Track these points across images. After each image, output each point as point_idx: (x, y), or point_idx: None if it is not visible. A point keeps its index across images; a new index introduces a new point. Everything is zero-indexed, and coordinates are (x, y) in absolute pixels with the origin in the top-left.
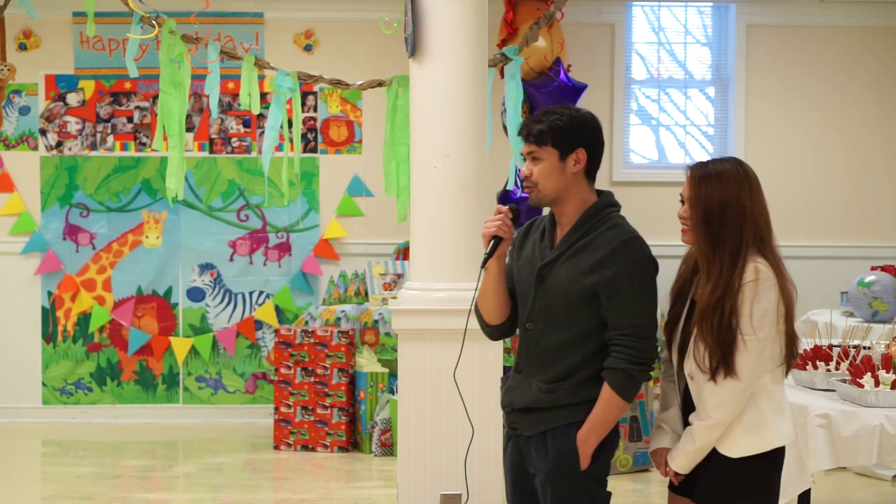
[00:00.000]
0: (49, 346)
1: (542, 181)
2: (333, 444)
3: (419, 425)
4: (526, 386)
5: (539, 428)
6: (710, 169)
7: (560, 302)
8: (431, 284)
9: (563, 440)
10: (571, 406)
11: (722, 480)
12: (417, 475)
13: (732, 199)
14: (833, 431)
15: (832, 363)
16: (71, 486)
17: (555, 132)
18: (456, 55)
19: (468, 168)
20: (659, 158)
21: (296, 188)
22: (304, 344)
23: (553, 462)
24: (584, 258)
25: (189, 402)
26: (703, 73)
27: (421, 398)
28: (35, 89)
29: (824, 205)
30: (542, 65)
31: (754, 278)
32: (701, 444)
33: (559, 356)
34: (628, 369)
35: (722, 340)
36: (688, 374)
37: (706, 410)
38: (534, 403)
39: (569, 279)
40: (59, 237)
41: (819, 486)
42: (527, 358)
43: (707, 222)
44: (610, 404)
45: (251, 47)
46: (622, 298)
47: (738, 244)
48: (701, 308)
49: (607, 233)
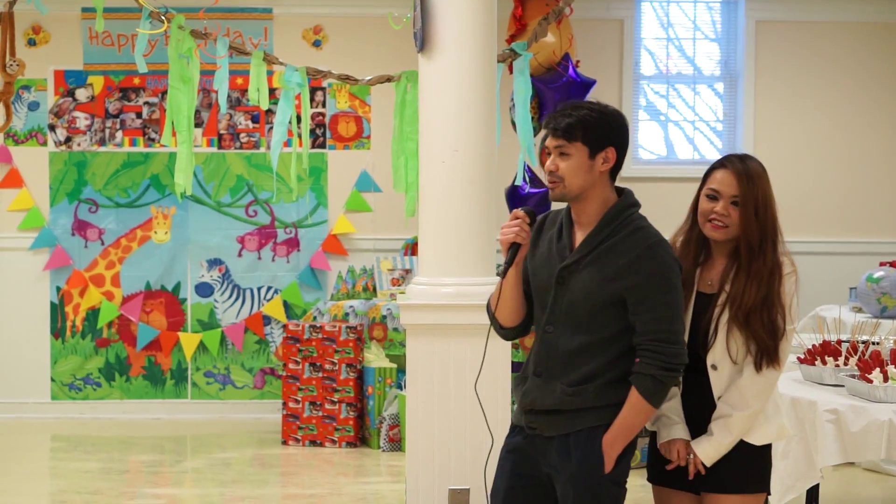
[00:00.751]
0: (58, 342)
1: (570, 177)
2: (341, 440)
3: (427, 420)
4: (549, 389)
5: (562, 430)
6: (750, 166)
7: (584, 306)
8: (440, 279)
9: (588, 444)
10: (597, 409)
11: (744, 467)
12: (426, 470)
13: (770, 195)
14: (842, 427)
15: (841, 358)
16: (79, 481)
17: (586, 128)
18: (465, 50)
19: (477, 163)
20: (667, 154)
21: (304, 184)
22: (312, 339)
23: (577, 465)
24: (608, 263)
25: (197, 397)
26: (712, 68)
27: (429, 393)
28: (44, 85)
29: (834, 200)
30: (551, 60)
31: (791, 270)
32: (738, 435)
33: (583, 359)
34: (658, 375)
35: (773, 333)
36: (710, 365)
37: (745, 400)
38: (558, 406)
39: (594, 284)
40: (68, 233)
41: (827, 482)
42: (547, 361)
43: (758, 219)
44: (637, 410)
45: (260, 43)
46: (650, 303)
47: (774, 240)
48: (748, 304)
49: (632, 236)
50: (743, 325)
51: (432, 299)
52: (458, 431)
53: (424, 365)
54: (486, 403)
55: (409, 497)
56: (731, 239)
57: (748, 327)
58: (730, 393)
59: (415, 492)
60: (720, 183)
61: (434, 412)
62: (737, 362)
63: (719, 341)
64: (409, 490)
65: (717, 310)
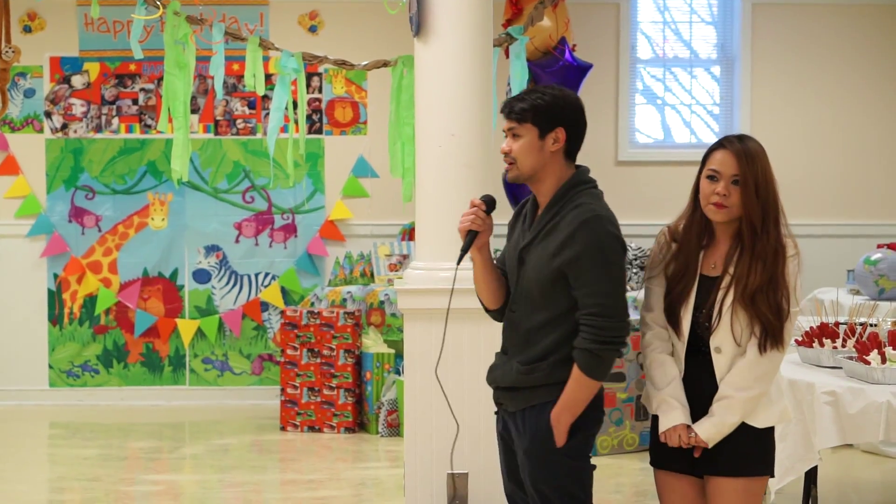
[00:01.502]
0: (55, 329)
1: (521, 158)
2: (340, 425)
3: (425, 405)
4: (508, 366)
5: (520, 405)
6: (748, 145)
7: (535, 284)
8: (437, 264)
9: (539, 418)
10: (549, 386)
11: (747, 450)
12: (424, 455)
13: (770, 173)
14: (840, 408)
15: (839, 340)
16: (78, 467)
17: (535, 110)
18: (461, 35)
19: (473, 147)
20: (664, 138)
21: (301, 169)
22: (310, 325)
23: (529, 439)
24: (551, 240)
25: (195, 383)
26: (709, 52)
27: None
28: (40, 72)
29: (831, 183)
30: (547, 44)
31: (795, 252)
32: (740, 417)
33: (538, 337)
34: (594, 349)
35: (778, 314)
36: (714, 348)
37: (748, 382)
38: (514, 384)
39: (541, 262)
40: (65, 219)
41: (826, 464)
42: (511, 339)
43: (759, 198)
44: (579, 384)
45: (256, 28)
46: (585, 278)
47: (777, 216)
48: (754, 285)
49: (571, 212)
50: (748, 306)
51: (430, 284)
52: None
53: (422, 349)
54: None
55: (407, 481)
56: (733, 220)
57: (753, 308)
58: (732, 374)
59: (413, 476)
60: (720, 163)
61: (432, 396)
62: (740, 345)
63: (723, 324)
64: (407, 474)
65: (720, 292)
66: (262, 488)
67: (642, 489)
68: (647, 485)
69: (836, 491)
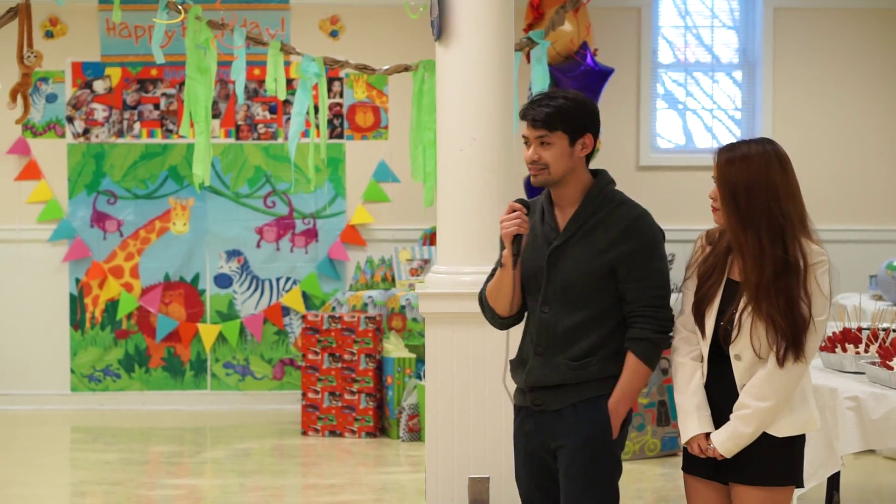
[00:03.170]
0: (77, 333)
1: (554, 165)
2: (361, 430)
3: (447, 408)
4: (551, 365)
5: (569, 401)
6: (736, 151)
7: (578, 283)
8: (458, 268)
9: (595, 411)
10: (601, 381)
11: (767, 459)
12: (445, 459)
13: (760, 179)
14: (862, 414)
15: (861, 346)
16: (100, 472)
17: (566, 118)
18: (482, 39)
19: (495, 152)
20: (686, 143)
21: (322, 174)
22: (331, 330)
23: (585, 433)
24: (599, 236)
25: (217, 388)
26: (730, 56)
27: (448, 381)
28: (62, 77)
29: (853, 188)
30: (569, 49)
31: (819, 260)
32: (757, 427)
33: (583, 333)
34: (654, 338)
35: (794, 323)
36: (734, 355)
37: (764, 393)
38: (564, 381)
39: (585, 259)
40: (87, 224)
41: (848, 470)
42: (546, 340)
43: (735, 202)
44: (637, 373)
45: (277, 33)
46: (641, 271)
47: (775, 223)
48: (754, 288)
49: (618, 209)
50: (758, 313)
51: (451, 288)
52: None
53: (443, 353)
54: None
55: (428, 486)
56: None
57: (764, 315)
58: (751, 384)
59: (434, 480)
60: (714, 168)
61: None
62: (760, 355)
63: (743, 331)
64: (428, 479)
65: (741, 299)
66: (284, 493)
67: (663, 495)
68: (668, 490)
69: (858, 497)
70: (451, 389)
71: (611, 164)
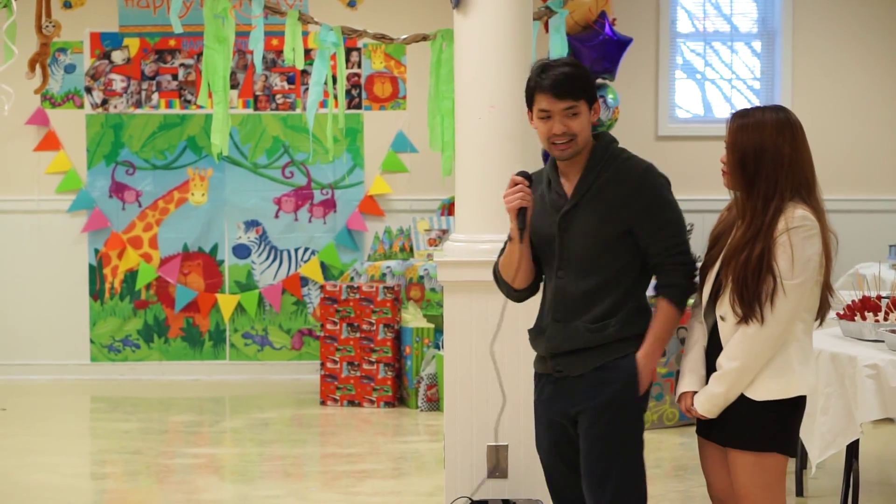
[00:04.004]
0: (96, 304)
1: (581, 134)
2: (379, 400)
3: (465, 375)
4: (571, 330)
5: (590, 365)
6: (749, 117)
7: (591, 245)
8: (477, 236)
9: (617, 372)
10: (621, 342)
11: (745, 423)
12: (464, 427)
13: (769, 146)
14: (882, 382)
15: (881, 314)
16: (119, 441)
17: (584, 84)
18: (500, 7)
19: (513, 119)
20: (704, 113)
21: (340, 144)
22: (349, 300)
23: (609, 394)
24: (610, 195)
25: (235, 358)
26: (749, 26)
27: (467, 349)
28: (80, 47)
29: (872, 158)
30: (587, 18)
31: (801, 224)
32: (728, 388)
33: (600, 295)
34: (684, 283)
35: (745, 284)
36: (720, 316)
37: (733, 353)
38: (585, 344)
39: (598, 221)
40: (106, 195)
41: (867, 439)
42: (564, 305)
43: (742, 167)
44: (669, 318)
45: (295, 3)
46: (659, 223)
47: (772, 191)
48: (730, 249)
49: (625, 165)
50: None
51: (469, 256)
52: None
53: (462, 321)
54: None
55: (447, 454)
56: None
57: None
58: (728, 345)
59: (453, 448)
60: (725, 133)
61: (472, 367)
62: (738, 315)
63: (726, 291)
64: (447, 446)
65: None
66: (302, 462)
67: (682, 464)
68: (686, 459)
69: (877, 465)
70: (470, 356)
71: (629, 134)
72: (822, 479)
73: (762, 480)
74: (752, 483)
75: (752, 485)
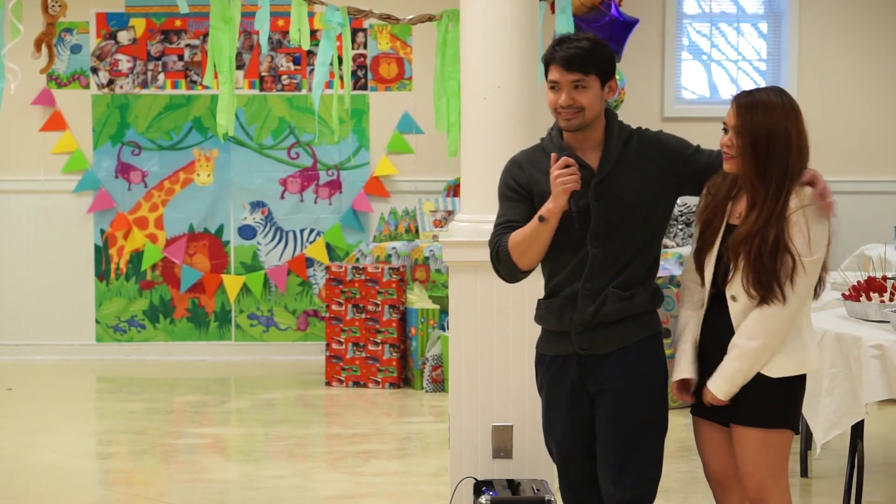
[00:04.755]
0: (102, 284)
1: (590, 108)
2: (385, 381)
3: (470, 356)
4: (601, 299)
5: (618, 344)
6: (756, 97)
7: (634, 207)
8: (482, 216)
9: (645, 352)
10: (647, 315)
11: (756, 400)
12: (469, 407)
13: (779, 129)
14: (887, 362)
15: (886, 294)
16: (125, 421)
17: (598, 60)
18: None
19: (519, 99)
20: (711, 94)
21: (346, 125)
22: (354, 281)
23: (637, 372)
24: (644, 162)
25: (241, 339)
26: (756, 7)
27: (472, 329)
28: (86, 27)
29: (878, 139)
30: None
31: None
32: (747, 366)
33: (628, 265)
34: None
35: (762, 266)
36: (730, 296)
37: (750, 332)
38: (614, 313)
39: (637, 183)
40: (112, 175)
41: (872, 420)
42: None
43: (754, 150)
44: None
45: None
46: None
47: (783, 174)
48: (742, 233)
49: (643, 134)
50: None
51: (475, 236)
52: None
53: (467, 302)
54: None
55: (452, 434)
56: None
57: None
58: (744, 324)
59: (458, 429)
60: (728, 115)
61: (477, 348)
62: (753, 296)
63: (737, 273)
64: (452, 427)
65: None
66: (307, 442)
67: (687, 444)
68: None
69: (882, 446)
70: (476, 336)
71: (635, 115)
72: (826, 459)
73: (770, 457)
74: (758, 460)
75: (758, 461)
